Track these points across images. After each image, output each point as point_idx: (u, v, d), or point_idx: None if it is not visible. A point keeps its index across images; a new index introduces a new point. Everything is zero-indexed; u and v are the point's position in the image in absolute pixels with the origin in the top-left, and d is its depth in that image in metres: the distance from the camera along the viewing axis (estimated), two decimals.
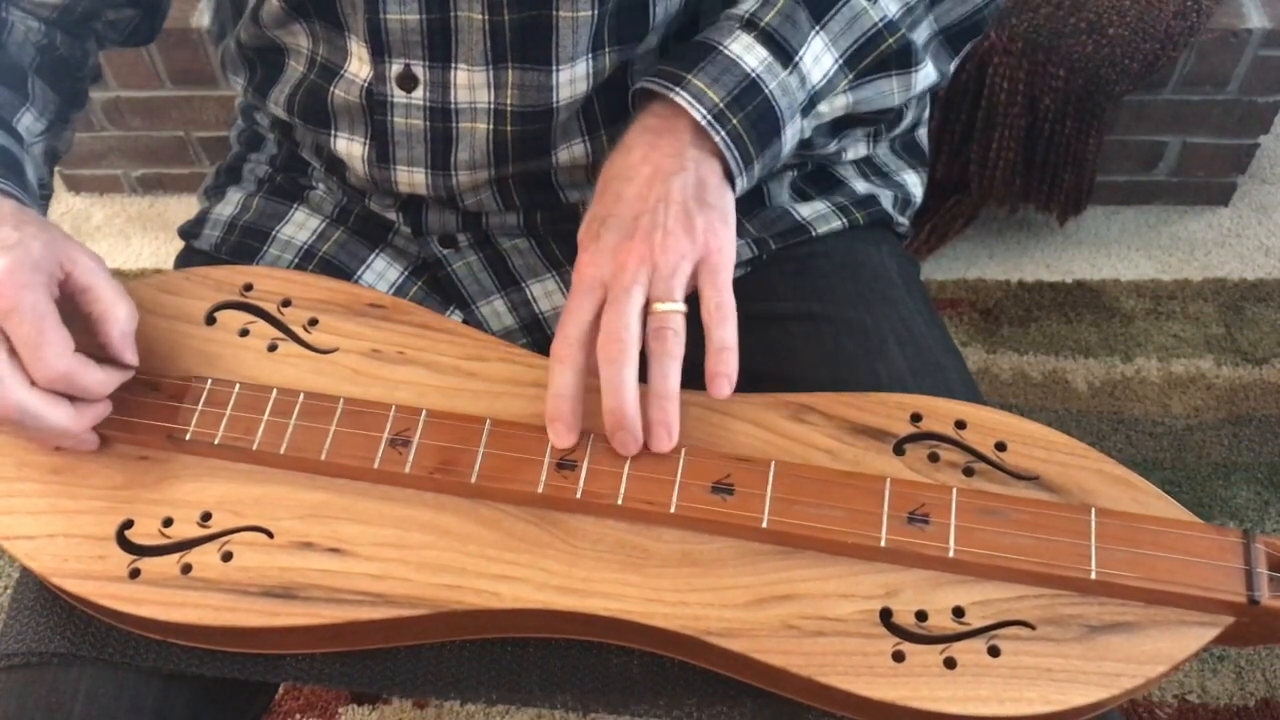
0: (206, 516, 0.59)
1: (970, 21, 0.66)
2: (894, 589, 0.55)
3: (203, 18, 1.40)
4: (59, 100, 0.72)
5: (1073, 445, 0.58)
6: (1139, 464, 1.30)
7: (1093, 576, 0.54)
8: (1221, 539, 0.54)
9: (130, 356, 0.59)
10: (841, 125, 0.67)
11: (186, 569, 0.57)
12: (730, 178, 0.61)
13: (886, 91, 0.65)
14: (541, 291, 0.73)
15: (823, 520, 0.55)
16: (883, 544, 0.55)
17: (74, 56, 0.74)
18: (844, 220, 0.74)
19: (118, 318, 0.59)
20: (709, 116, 0.59)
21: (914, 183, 0.80)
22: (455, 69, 0.62)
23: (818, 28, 0.61)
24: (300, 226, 0.75)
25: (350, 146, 0.68)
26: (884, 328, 0.70)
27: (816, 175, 0.76)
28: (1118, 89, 1.31)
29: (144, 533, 0.58)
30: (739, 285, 0.59)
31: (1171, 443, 1.33)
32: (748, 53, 0.60)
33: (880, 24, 0.62)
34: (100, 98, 1.50)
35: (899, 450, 0.59)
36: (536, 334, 0.74)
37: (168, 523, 0.59)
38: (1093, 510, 0.55)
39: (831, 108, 0.64)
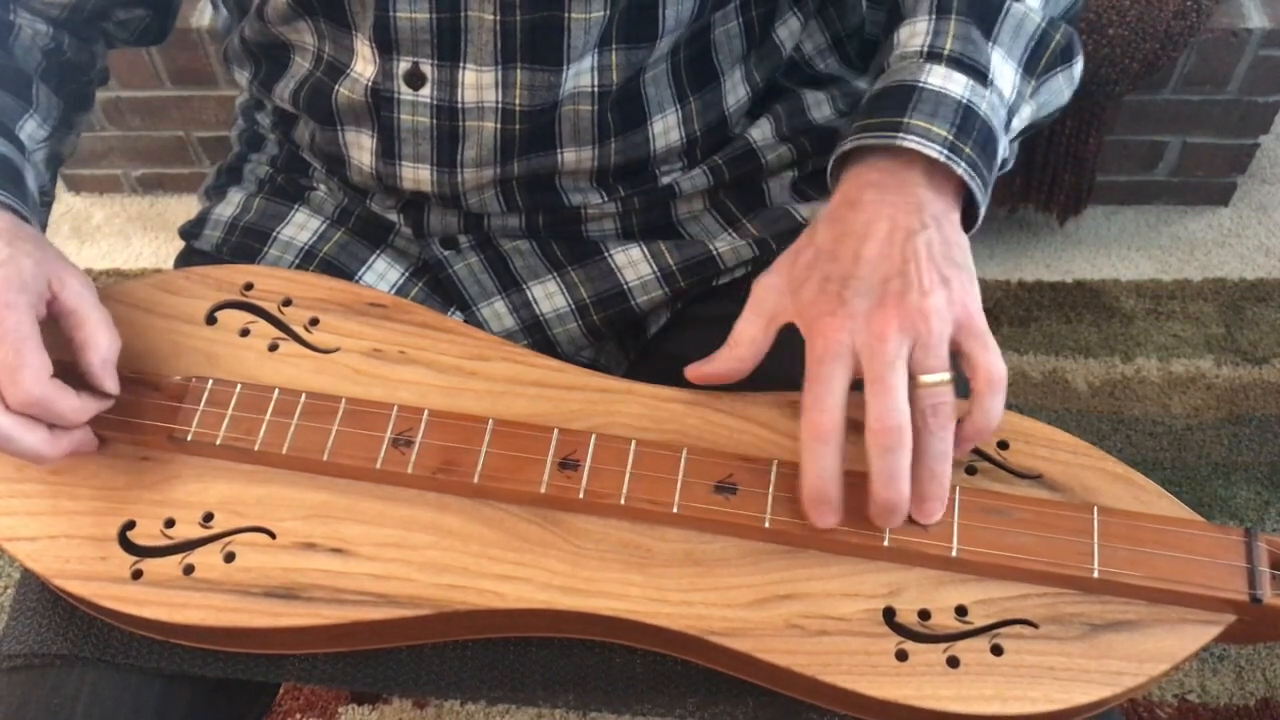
0: (208, 517, 0.59)
1: (1071, 13, 0.64)
2: (897, 588, 0.55)
3: (203, 17, 1.40)
4: (63, 105, 0.72)
5: (1075, 444, 0.58)
6: (1139, 464, 1.29)
7: (1095, 575, 0.54)
8: (1224, 537, 0.54)
9: (110, 385, 0.59)
10: (1016, 137, 0.64)
11: (189, 570, 0.57)
12: (967, 222, 0.58)
13: (1057, 90, 0.62)
14: (543, 293, 0.73)
15: None
16: (885, 543, 0.55)
17: (81, 60, 0.73)
18: None
19: (99, 345, 0.58)
20: (946, 151, 0.55)
21: None
22: (464, 69, 0.62)
23: (990, 42, 0.58)
24: (301, 227, 0.75)
25: (359, 138, 0.68)
26: None
27: (817, 175, 0.76)
28: (1118, 89, 1.31)
29: (146, 534, 0.58)
30: (740, 286, 0.58)
31: (1171, 443, 1.33)
32: (949, 82, 0.57)
33: (1044, 23, 0.60)
34: (100, 97, 1.50)
35: None
36: (537, 335, 0.74)
37: (169, 524, 0.59)
38: (1095, 509, 0.55)
39: (1020, 119, 0.61)
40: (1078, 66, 0.62)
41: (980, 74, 0.57)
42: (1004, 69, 0.59)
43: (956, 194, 0.57)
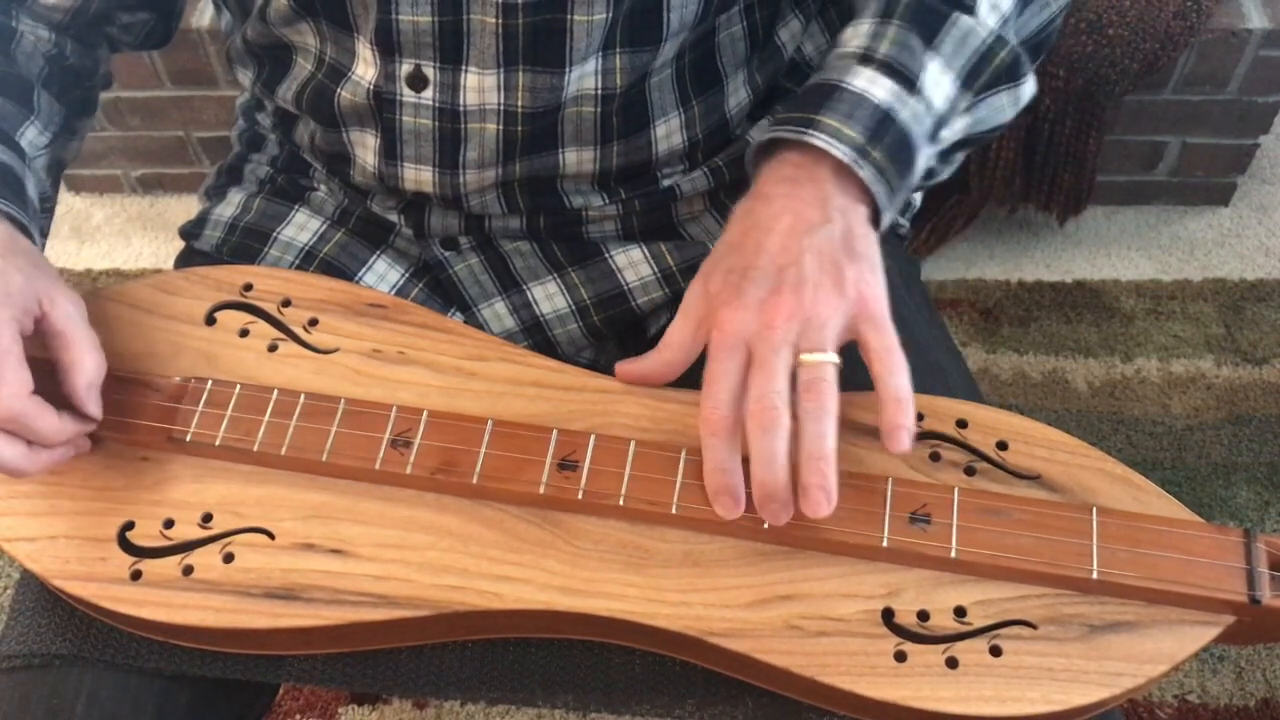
0: (208, 518, 0.59)
1: (1043, 34, 0.64)
2: (896, 589, 0.55)
3: (203, 18, 1.40)
4: (65, 111, 0.72)
5: (1074, 444, 0.58)
6: (1139, 464, 1.30)
7: (1094, 576, 0.54)
8: (1223, 538, 0.54)
9: (93, 409, 0.58)
10: (953, 149, 0.64)
11: (188, 570, 0.57)
12: (875, 219, 0.58)
13: (999, 107, 0.63)
14: (543, 294, 0.73)
15: (824, 520, 0.55)
16: (884, 544, 0.55)
17: (84, 65, 0.73)
18: None
19: (85, 368, 0.57)
20: (852, 153, 0.56)
21: None
22: (466, 71, 0.62)
23: (930, 51, 0.59)
24: (301, 228, 0.75)
25: (363, 138, 0.68)
26: None
27: None
28: (1118, 89, 1.31)
29: (145, 534, 0.58)
30: None
31: (1171, 443, 1.33)
32: (873, 85, 0.57)
33: (990, 39, 0.60)
34: (100, 97, 1.50)
35: None
36: (537, 336, 0.74)
37: (169, 524, 0.59)
38: (1094, 510, 0.56)
39: (952, 131, 0.61)
40: (1024, 88, 0.63)
41: (909, 81, 0.58)
42: (941, 79, 0.59)
43: (865, 191, 0.57)
